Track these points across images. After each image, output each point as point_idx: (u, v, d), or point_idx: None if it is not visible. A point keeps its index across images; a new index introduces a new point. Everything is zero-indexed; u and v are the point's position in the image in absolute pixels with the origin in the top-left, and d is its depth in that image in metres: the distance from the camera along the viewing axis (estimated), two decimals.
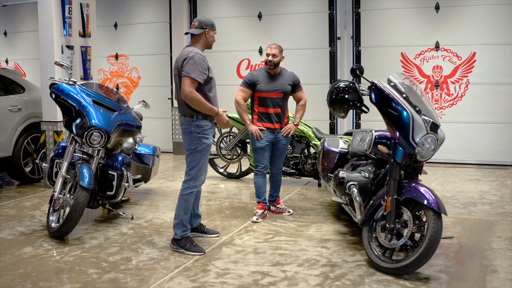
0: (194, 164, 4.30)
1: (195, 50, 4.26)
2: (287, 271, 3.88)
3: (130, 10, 10.26)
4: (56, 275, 3.86)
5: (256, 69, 5.51)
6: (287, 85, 5.28)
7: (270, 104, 5.23)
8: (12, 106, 7.11)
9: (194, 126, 4.27)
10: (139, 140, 6.05)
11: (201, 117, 4.26)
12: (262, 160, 5.31)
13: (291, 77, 5.35)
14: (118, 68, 10.48)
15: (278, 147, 5.36)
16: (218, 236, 4.71)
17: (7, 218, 5.46)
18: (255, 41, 9.34)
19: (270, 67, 5.22)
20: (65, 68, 5.21)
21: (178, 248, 4.30)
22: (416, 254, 3.63)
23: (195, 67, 4.14)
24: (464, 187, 6.73)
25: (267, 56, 5.21)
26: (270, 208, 5.53)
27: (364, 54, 8.74)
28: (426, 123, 3.87)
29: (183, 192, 4.34)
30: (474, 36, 8.14)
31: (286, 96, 5.31)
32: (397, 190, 3.87)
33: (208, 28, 4.35)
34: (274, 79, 5.25)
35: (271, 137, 5.28)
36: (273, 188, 5.55)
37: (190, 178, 4.32)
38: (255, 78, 5.24)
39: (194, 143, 4.28)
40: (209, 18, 4.45)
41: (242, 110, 5.26)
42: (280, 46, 5.28)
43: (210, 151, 4.40)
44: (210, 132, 4.34)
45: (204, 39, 4.38)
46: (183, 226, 4.32)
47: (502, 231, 4.82)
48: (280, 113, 5.27)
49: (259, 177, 5.36)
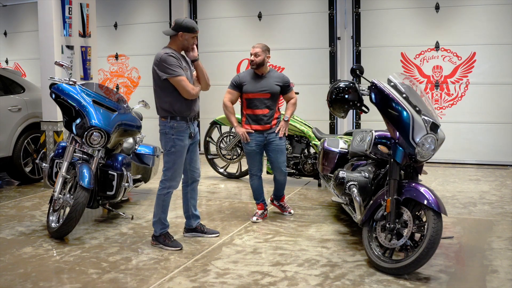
0: (169, 165, 4.34)
1: (166, 51, 4.25)
2: (287, 271, 3.88)
3: (130, 10, 10.26)
4: (56, 275, 3.87)
5: (244, 71, 5.40)
6: (274, 85, 5.11)
7: (257, 105, 5.08)
8: (12, 106, 7.11)
9: (168, 127, 4.30)
10: (139, 140, 6.05)
11: (178, 118, 4.29)
12: (253, 163, 5.19)
13: (280, 77, 5.21)
14: (118, 68, 10.48)
15: (272, 149, 5.16)
16: (218, 236, 4.71)
17: (7, 218, 5.46)
18: (255, 41, 9.15)
19: (253, 67, 5.11)
20: (65, 68, 5.21)
21: (157, 244, 4.43)
22: (416, 254, 3.63)
23: (172, 65, 4.17)
24: (464, 187, 6.73)
25: (250, 56, 5.11)
26: (273, 202, 5.46)
27: (364, 54, 8.73)
28: (426, 123, 3.87)
29: (160, 192, 4.40)
30: (474, 36, 8.14)
31: (274, 97, 5.13)
32: (397, 190, 3.87)
33: (182, 31, 4.27)
34: (260, 80, 5.12)
35: (260, 139, 5.12)
36: (277, 190, 5.41)
37: (166, 178, 4.37)
38: (241, 79, 5.14)
39: (168, 144, 4.31)
40: (190, 20, 4.36)
41: (229, 113, 5.18)
42: (265, 45, 5.15)
43: (184, 152, 4.37)
44: (185, 133, 4.33)
45: (178, 41, 4.32)
46: (162, 224, 4.42)
47: (502, 231, 4.82)
48: (269, 113, 5.10)
49: (253, 180, 5.25)
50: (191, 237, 4.67)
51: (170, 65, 4.18)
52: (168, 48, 4.33)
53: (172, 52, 4.26)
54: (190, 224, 4.73)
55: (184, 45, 4.33)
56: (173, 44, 4.35)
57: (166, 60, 4.19)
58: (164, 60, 4.19)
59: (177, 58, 4.24)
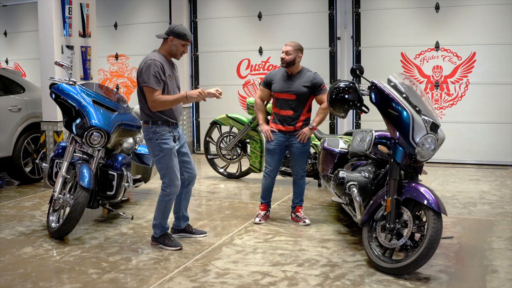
0: (163, 171, 4.30)
1: (153, 56, 4.21)
2: (287, 271, 3.88)
3: (130, 10, 10.26)
4: (56, 275, 3.87)
5: (276, 68, 5.30)
6: (302, 86, 4.95)
7: (282, 106, 5.01)
8: (12, 106, 7.11)
9: (151, 133, 4.27)
10: (139, 140, 6.05)
11: (160, 122, 4.24)
12: (270, 162, 5.12)
13: (310, 78, 5.01)
14: (118, 68, 10.48)
15: (293, 151, 5.06)
16: (205, 236, 4.71)
17: (7, 218, 5.46)
18: (255, 41, 9.34)
19: (283, 65, 5.03)
20: (65, 68, 5.21)
21: (157, 244, 4.44)
22: (416, 254, 3.63)
23: (150, 75, 4.13)
24: (464, 187, 6.73)
25: (282, 54, 5.04)
26: (292, 216, 5.27)
27: (364, 54, 8.73)
28: (426, 123, 3.87)
29: (162, 198, 4.36)
30: (474, 36, 8.14)
31: (300, 98, 4.96)
32: (397, 190, 3.87)
33: (172, 36, 4.25)
34: (289, 79, 5.00)
35: (282, 140, 5.04)
36: (294, 195, 5.24)
37: (166, 185, 4.33)
38: (271, 77, 5.10)
39: (156, 150, 4.28)
40: (183, 27, 4.31)
41: (258, 109, 5.20)
42: (298, 44, 5.05)
43: (174, 153, 4.31)
44: (169, 136, 4.28)
45: (167, 46, 4.30)
46: (161, 227, 4.44)
47: (502, 231, 4.82)
48: (293, 115, 4.97)
49: (266, 178, 5.17)
50: (179, 237, 4.63)
51: (148, 72, 4.14)
52: (156, 53, 4.29)
53: (159, 58, 4.22)
54: (178, 224, 4.71)
55: (172, 50, 4.29)
56: (163, 48, 4.33)
57: (147, 67, 4.16)
58: (146, 66, 4.16)
59: (160, 66, 4.18)
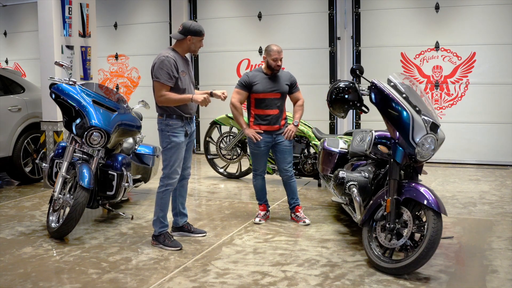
0: (166, 163, 4.40)
1: (167, 53, 4.32)
2: (287, 271, 3.88)
3: (130, 10, 10.26)
4: (56, 275, 3.87)
5: (252, 70, 5.28)
6: (284, 85, 5.06)
7: (268, 105, 5.02)
8: (12, 106, 7.11)
9: (164, 125, 4.38)
10: (139, 140, 6.05)
11: (174, 116, 4.36)
12: (260, 163, 5.15)
13: (288, 76, 5.13)
14: (118, 68, 10.48)
15: (280, 149, 5.10)
16: (205, 235, 4.71)
17: (7, 218, 5.46)
18: (255, 41, 9.34)
19: (276, 71, 5.03)
20: (65, 68, 5.21)
21: (157, 244, 4.43)
22: (416, 254, 3.63)
23: (162, 71, 4.25)
24: (464, 187, 6.73)
25: (275, 61, 4.96)
26: (292, 215, 5.26)
27: (364, 54, 8.74)
28: (426, 123, 3.87)
29: (158, 190, 4.45)
30: (474, 36, 8.14)
31: (284, 97, 5.10)
32: (397, 190, 3.87)
33: (190, 35, 4.36)
34: (271, 80, 5.04)
35: (269, 140, 5.07)
36: (288, 195, 5.24)
37: (164, 176, 4.42)
38: (251, 79, 5.04)
39: (164, 141, 4.39)
40: (197, 24, 4.43)
41: (239, 114, 5.10)
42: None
43: (181, 149, 4.40)
44: (181, 130, 4.39)
45: (186, 45, 4.41)
46: (161, 223, 4.43)
47: (502, 231, 4.82)
48: (278, 114, 5.05)
49: (257, 179, 5.20)
50: (179, 237, 4.64)
51: (161, 69, 4.26)
52: (170, 50, 4.39)
53: (173, 55, 4.32)
54: (177, 222, 4.72)
55: (191, 48, 4.43)
56: (179, 46, 4.42)
57: (160, 62, 4.28)
58: (159, 62, 4.28)
59: (173, 63, 4.28)
